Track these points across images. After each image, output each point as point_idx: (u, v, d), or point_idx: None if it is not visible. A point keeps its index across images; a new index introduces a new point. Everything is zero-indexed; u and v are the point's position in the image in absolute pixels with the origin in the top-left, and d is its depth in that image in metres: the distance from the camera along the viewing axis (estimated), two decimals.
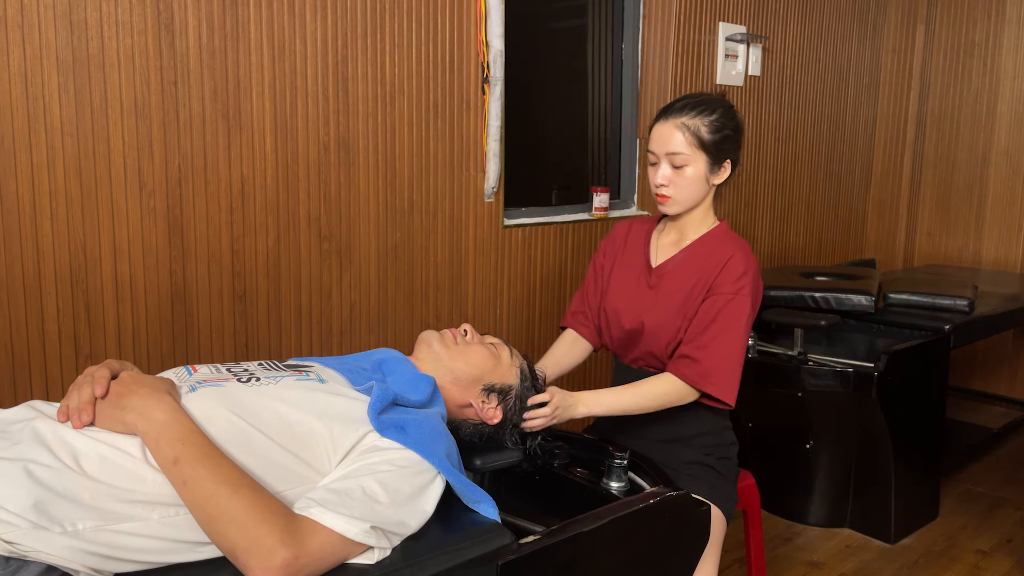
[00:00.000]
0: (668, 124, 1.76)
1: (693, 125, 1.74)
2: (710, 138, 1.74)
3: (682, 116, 1.75)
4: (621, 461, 1.61)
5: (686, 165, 1.75)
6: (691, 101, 1.77)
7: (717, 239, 1.82)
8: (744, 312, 1.71)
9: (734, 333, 1.70)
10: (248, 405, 1.20)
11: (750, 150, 3.52)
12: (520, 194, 2.81)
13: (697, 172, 1.76)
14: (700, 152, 1.75)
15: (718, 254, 1.77)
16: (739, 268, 1.73)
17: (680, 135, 1.74)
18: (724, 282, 1.73)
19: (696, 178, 1.76)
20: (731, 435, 1.89)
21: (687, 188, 1.77)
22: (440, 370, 1.49)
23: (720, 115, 1.76)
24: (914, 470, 2.84)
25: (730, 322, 1.70)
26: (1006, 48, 3.99)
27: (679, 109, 1.76)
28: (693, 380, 1.69)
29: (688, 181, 1.76)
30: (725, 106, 1.79)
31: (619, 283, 1.90)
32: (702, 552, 1.66)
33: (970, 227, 4.17)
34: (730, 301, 1.71)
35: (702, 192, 1.79)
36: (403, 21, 2.32)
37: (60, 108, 1.80)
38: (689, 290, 1.77)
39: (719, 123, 1.75)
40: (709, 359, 1.68)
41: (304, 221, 2.21)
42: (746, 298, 1.71)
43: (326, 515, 1.08)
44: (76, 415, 1.13)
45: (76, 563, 1.02)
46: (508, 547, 1.25)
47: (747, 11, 3.35)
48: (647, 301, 1.83)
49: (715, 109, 1.76)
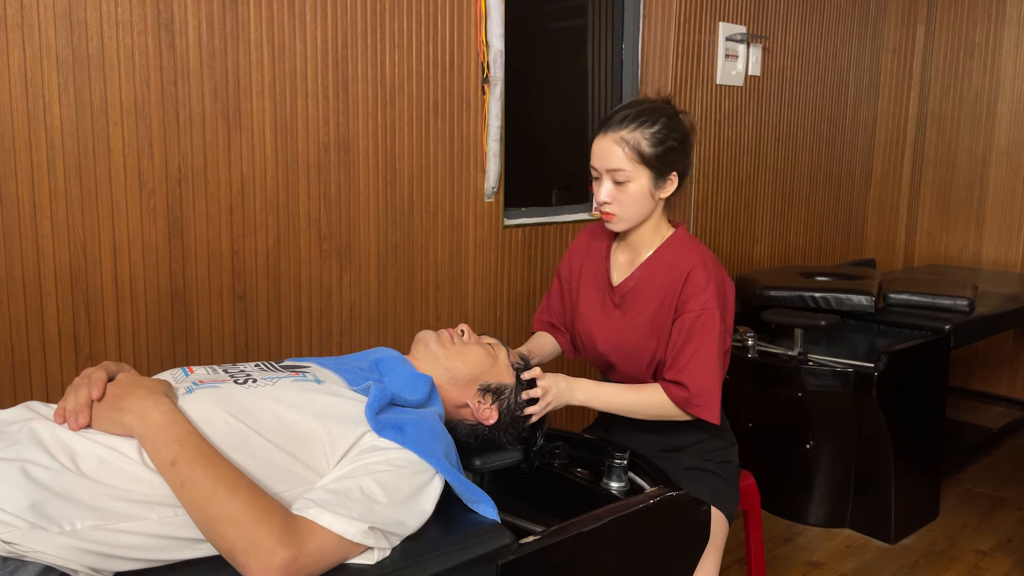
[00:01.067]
0: (607, 139, 1.66)
1: (632, 139, 1.64)
2: (652, 151, 1.65)
3: (621, 129, 1.65)
4: (621, 461, 1.61)
5: (628, 181, 1.66)
6: (631, 112, 1.67)
7: (673, 251, 1.75)
8: (714, 325, 1.66)
9: (709, 349, 1.65)
10: (245, 406, 1.20)
11: (750, 150, 3.52)
12: (520, 194, 2.81)
13: (640, 188, 1.67)
14: (642, 167, 1.65)
15: (677, 268, 1.70)
16: (700, 281, 1.67)
17: (619, 150, 1.65)
18: (688, 298, 1.67)
19: (640, 194, 1.67)
20: (730, 436, 1.89)
21: (631, 205, 1.69)
22: (437, 370, 1.49)
23: (663, 125, 1.66)
24: (914, 470, 2.84)
25: (704, 339, 1.65)
26: (1006, 48, 3.99)
27: (619, 121, 1.66)
28: (681, 405, 1.68)
29: (631, 198, 1.68)
30: (668, 114, 1.68)
31: (587, 303, 1.86)
32: (702, 552, 1.66)
33: (970, 227, 4.17)
34: (698, 318, 1.66)
35: (648, 207, 1.71)
36: (403, 21, 2.32)
37: (60, 108, 1.80)
38: (655, 309, 1.72)
39: (661, 135, 1.65)
40: (693, 383, 1.65)
41: (304, 221, 2.21)
42: (713, 310, 1.66)
43: (324, 516, 1.08)
44: (73, 417, 1.13)
45: (75, 563, 1.02)
46: (508, 547, 1.25)
47: (747, 11, 3.35)
48: (616, 324, 1.79)
49: (657, 119, 1.66)
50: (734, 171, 3.45)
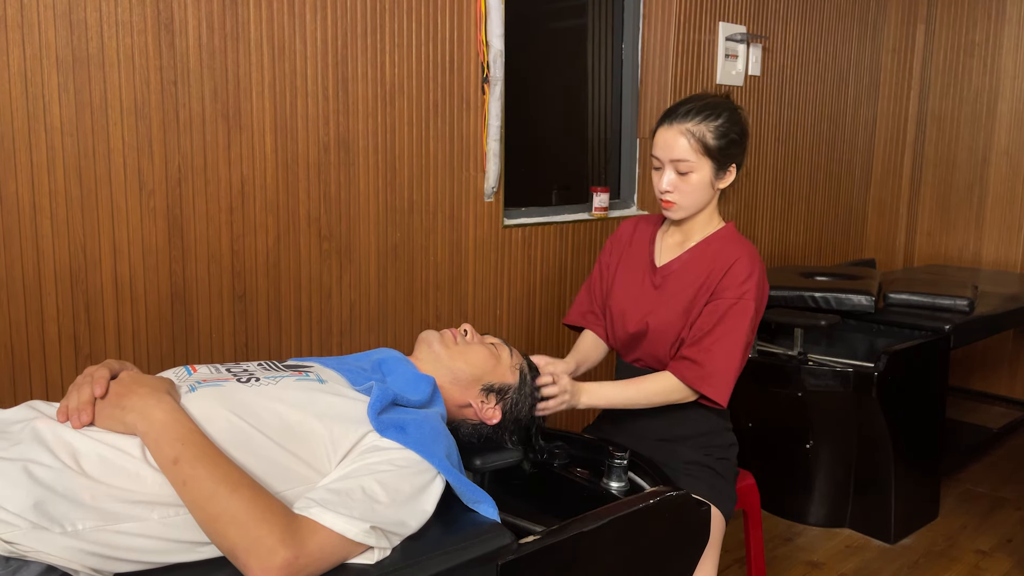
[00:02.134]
0: (672, 130, 1.73)
1: (698, 131, 1.71)
2: (715, 144, 1.71)
3: (687, 122, 1.71)
4: (621, 461, 1.61)
5: (691, 172, 1.72)
6: (696, 105, 1.74)
7: (723, 240, 1.80)
8: (748, 315, 1.70)
9: (736, 337, 1.69)
10: (248, 405, 1.20)
11: (750, 150, 3.51)
12: (520, 194, 2.81)
13: (702, 178, 1.73)
14: (705, 158, 1.72)
15: (723, 256, 1.75)
16: (744, 271, 1.72)
17: (685, 141, 1.71)
18: (729, 285, 1.71)
19: (701, 184, 1.74)
20: (731, 436, 1.89)
21: (692, 194, 1.75)
22: (440, 370, 1.49)
23: (726, 119, 1.73)
24: (914, 470, 2.84)
25: (733, 326, 1.69)
26: (1006, 48, 3.99)
27: (684, 114, 1.73)
28: (692, 381, 1.70)
29: (693, 187, 1.74)
30: (731, 109, 1.76)
31: (623, 283, 1.89)
32: (702, 552, 1.66)
33: (970, 227, 4.17)
34: (734, 305, 1.70)
35: (707, 197, 1.77)
36: (403, 21, 2.32)
37: (60, 108, 1.80)
38: (694, 292, 1.76)
39: (724, 128, 1.72)
40: (711, 362, 1.68)
41: (304, 221, 2.21)
42: (750, 302, 1.70)
43: (326, 515, 1.08)
44: (76, 415, 1.13)
45: (76, 563, 1.02)
46: (508, 547, 1.25)
47: (747, 11, 3.35)
48: (651, 302, 1.82)
49: (720, 113, 1.73)
50: None
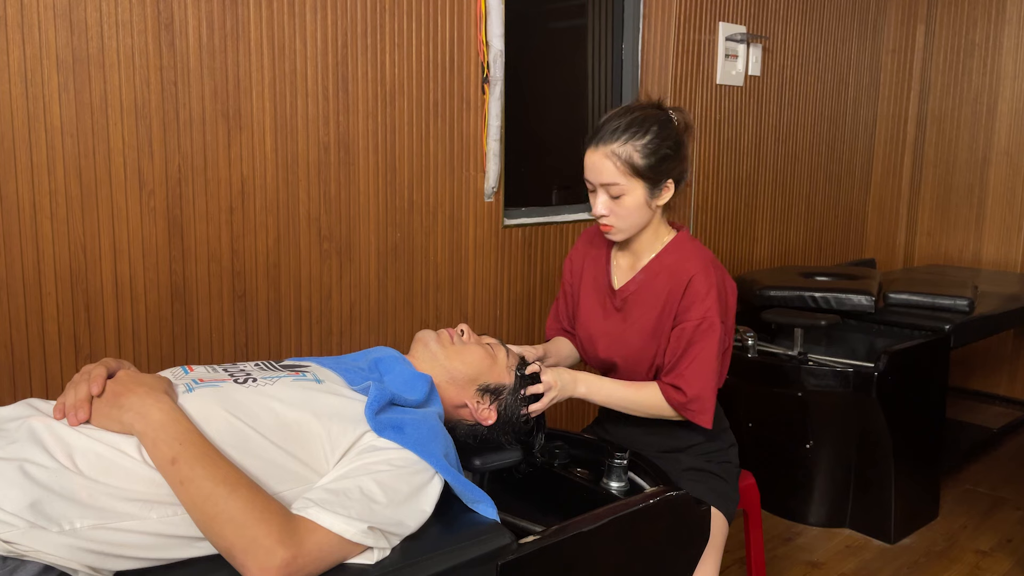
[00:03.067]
0: (598, 153, 1.64)
1: (624, 152, 1.62)
2: (644, 163, 1.62)
3: (612, 143, 1.62)
4: (621, 461, 1.61)
5: (623, 194, 1.64)
6: (622, 123, 1.63)
7: (675, 255, 1.74)
8: (715, 334, 1.66)
9: (707, 357, 1.66)
10: (245, 405, 1.20)
11: (750, 150, 3.52)
12: (520, 194, 2.81)
13: (636, 200, 1.65)
14: (636, 179, 1.63)
15: (679, 274, 1.69)
16: (701, 289, 1.66)
17: (611, 164, 1.62)
18: (689, 306, 1.67)
19: (635, 206, 1.66)
20: (730, 436, 1.89)
21: (628, 217, 1.68)
22: (436, 369, 1.49)
23: (655, 135, 1.63)
24: (914, 470, 2.83)
25: (702, 348, 1.66)
26: (1006, 48, 3.99)
27: (609, 134, 1.63)
28: (675, 406, 1.69)
29: (627, 210, 1.66)
30: (661, 121, 1.65)
31: (587, 307, 1.86)
32: (702, 552, 1.66)
33: (970, 227, 4.17)
34: (698, 326, 1.66)
35: (645, 217, 1.69)
36: (403, 21, 2.32)
37: (60, 108, 1.80)
38: (657, 315, 1.72)
39: (653, 144, 1.63)
40: (690, 388, 1.66)
41: (304, 221, 2.21)
42: (714, 318, 1.65)
43: (324, 515, 1.08)
44: (72, 412, 1.13)
45: (74, 562, 1.02)
46: (508, 547, 1.25)
47: (747, 11, 3.35)
48: (617, 326, 1.79)
49: (648, 129, 1.63)
50: (734, 171, 3.45)
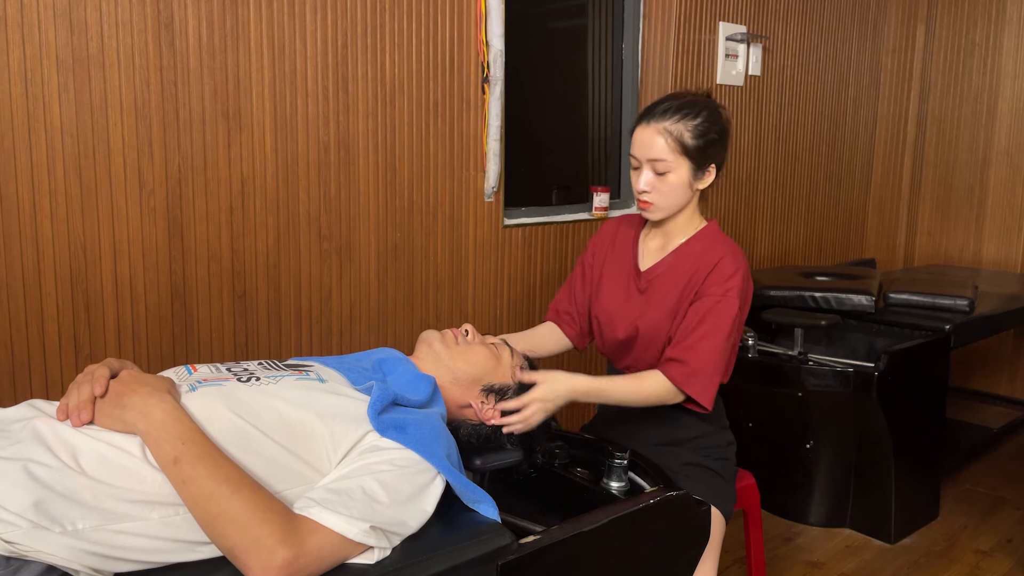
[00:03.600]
0: (650, 129, 1.69)
1: (676, 130, 1.67)
2: (694, 143, 1.68)
3: (664, 120, 1.68)
4: (621, 461, 1.61)
5: (669, 171, 1.69)
6: (674, 104, 1.70)
7: (705, 241, 1.78)
8: (732, 313, 1.68)
9: (721, 334, 1.67)
10: (248, 404, 1.20)
11: (750, 150, 3.52)
12: (520, 194, 2.81)
13: (680, 178, 1.70)
14: (683, 158, 1.68)
15: (707, 256, 1.73)
16: (728, 269, 1.69)
17: (662, 140, 1.68)
18: (713, 283, 1.69)
19: (679, 184, 1.71)
20: (728, 435, 1.89)
21: (670, 195, 1.72)
22: (440, 370, 1.49)
23: (705, 119, 1.69)
24: (914, 470, 2.84)
25: (717, 323, 1.67)
26: (1006, 48, 3.99)
27: (662, 112, 1.69)
28: (676, 379, 1.67)
29: (671, 187, 1.71)
30: (710, 108, 1.72)
31: (609, 288, 1.87)
32: (702, 552, 1.66)
33: (970, 227, 4.17)
34: (718, 302, 1.68)
35: (685, 198, 1.74)
36: (403, 21, 2.32)
37: (60, 108, 1.80)
38: (679, 293, 1.75)
39: (703, 127, 1.69)
40: (695, 360, 1.66)
41: (304, 221, 2.21)
42: (734, 299, 1.68)
43: (326, 515, 1.08)
44: (76, 413, 1.13)
45: (76, 563, 1.02)
46: (508, 547, 1.25)
47: (747, 11, 3.35)
48: (638, 307, 1.80)
49: (699, 112, 1.69)
50: (734, 171, 3.45)
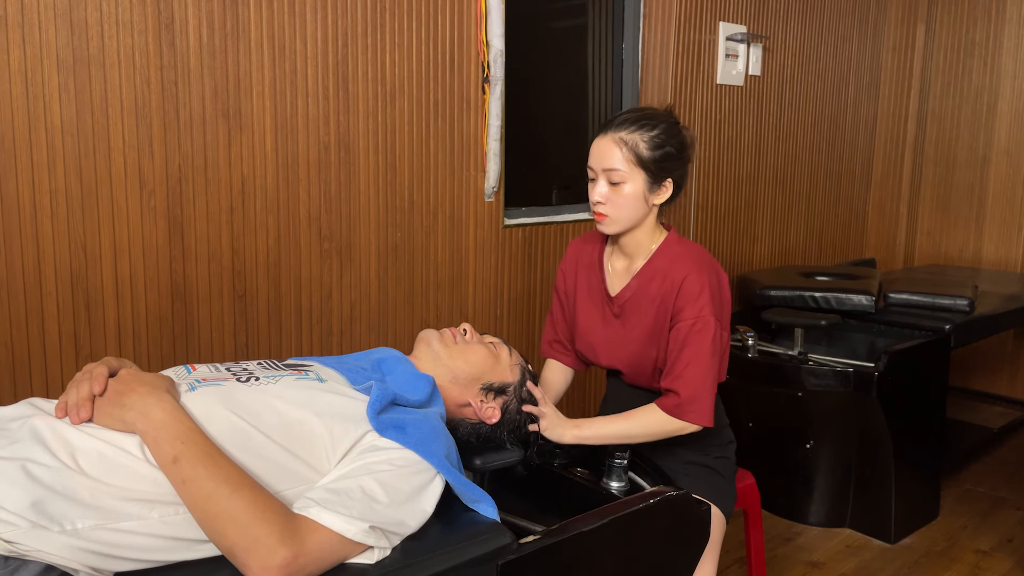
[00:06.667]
0: (606, 139, 1.68)
1: (631, 140, 1.66)
2: (649, 155, 1.67)
3: (621, 131, 1.67)
4: (621, 461, 1.61)
5: (623, 182, 1.67)
6: (632, 115, 1.70)
7: (667, 257, 1.75)
8: (709, 333, 1.66)
9: (703, 358, 1.66)
10: (247, 404, 1.20)
11: (750, 150, 3.52)
12: (520, 194, 2.81)
13: (635, 190, 1.68)
14: (638, 169, 1.67)
15: (671, 276, 1.71)
16: (694, 289, 1.67)
17: (617, 151, 1.67)
18: (683, 307, 1.68)
19: (634, 196, 1.69)
20: (729, 434, 1.89)
21: (624, 207, 1.70)
22: (439, 369, 1.49)
23: (661, 131, 1.68)
24: (914, 470, 2.84)
25: (697, 348, 1.66)
26: (1006, 47, 3.99)
27: (619, 123, 1.69)
28: (672, 411, 1.68)
29: (625, 200, 1.69)
30: (669, 122, 1.70)
31: (585, 315, 1.87)
32: (702, 552, 1.66)
33: (970, 227, 4.17)
34: (693, 326, 1.66)
35: (640, 212, 1.71)
36: (403, 21, 2.32)
37: (60, 108, 1.80)
38: (653, 317, 1.73)
39: (659, 139, 1.67)
40: (685, 389, 1.66)
41: (304, 221, 2.21)
42: (708, 318, 1.66)
43: (325, 515, 1.08)
44: (74, 411, 1.13)
45: (75, 562, 1.02)
46: (508, 547, 1.25)
47: (747, 11, 3.35)
48: (617, 334, 1.80)
49: (657, 124, 1.68)
50: (734, 171, 3.45)
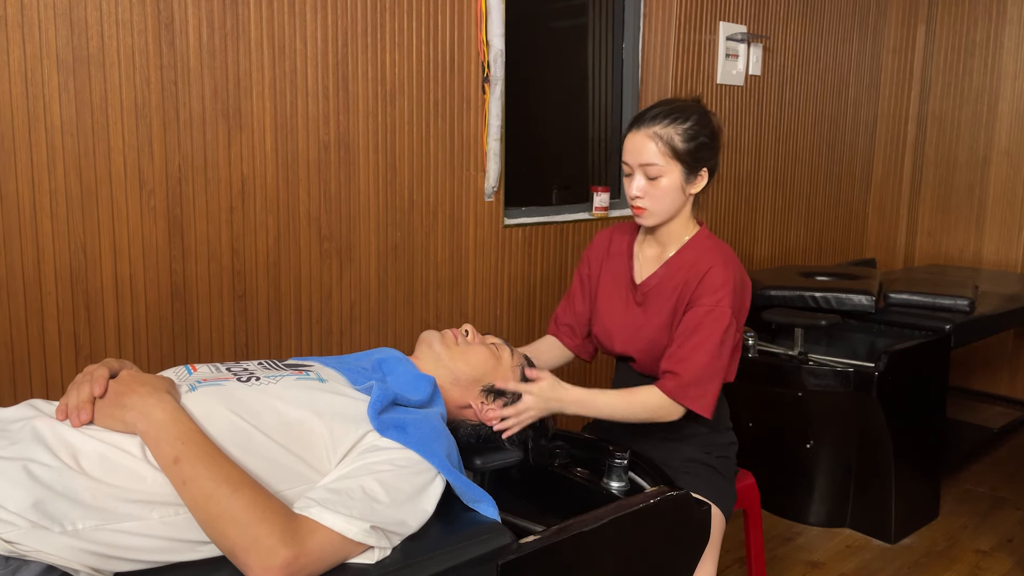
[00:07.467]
0: (640, 134, 1.71)
1: (666, 134, 1.69)
2: (684, 147, 1.69)
3: (655, 125, 1.70)
4: (621, 461, 1.61)
5: (660, 176, 1.70)
6: (664, 109, 1.72)
7: (697, 249, 1.78)
8: (723, 323, 1.67)
9: (712, 345, 1.66)
10: (248, 404, 1.20)
11: (750, 150, 3.52)
12: (520, 194, 2.81)
13: (672, 183, 1.71)
14: (674, 162, 1.70)
15: (698, 265, 1.73)
16: (718, 279, 1.69)
17: (653, 145, 1.69)
18: (703, 294, 1.69)
19: (671, 189, 1.72)
20: (731, 435, 1.89)
21: (663, 199, 1.72)
22: (440, 370, 1.49)
23: (694, 122, 1.70)
24: (914, 470, 2.83)
25: (709, 334, 1.66)
26: (1007, 48, 3.99)
27: (652, 118, 1.71)
28: (672, 393, 1.67)
29: (663, 192, 1.71)
30: (700, 112, 1.73)
31: (606, 301, 1.87)
32: (702, 552, 1.66)
33: (970, 227, 4.17)
34: (709, 313, 1.67)
35: (678, 203, 1.75)
36: (403, 21, 2.32)
37: (60, 107, 1.80)
38: (673, 304, 1.75)
39: (693, 130, 1.70)
40: (688, 372, 1.65)
41: (304, 221, 2.21)
42: (726, 309, 1.67)
43: (326, 515, 1.08)
44: (75, 413, 1.13)
45: (76, 563, 1.02)
46: (508, 547, 1.25)
47: (747, 11, 3.35)
48: (636, 321, 1.81)
49: (689, 116, 1.71)
50: (734, 171, 3.45)
